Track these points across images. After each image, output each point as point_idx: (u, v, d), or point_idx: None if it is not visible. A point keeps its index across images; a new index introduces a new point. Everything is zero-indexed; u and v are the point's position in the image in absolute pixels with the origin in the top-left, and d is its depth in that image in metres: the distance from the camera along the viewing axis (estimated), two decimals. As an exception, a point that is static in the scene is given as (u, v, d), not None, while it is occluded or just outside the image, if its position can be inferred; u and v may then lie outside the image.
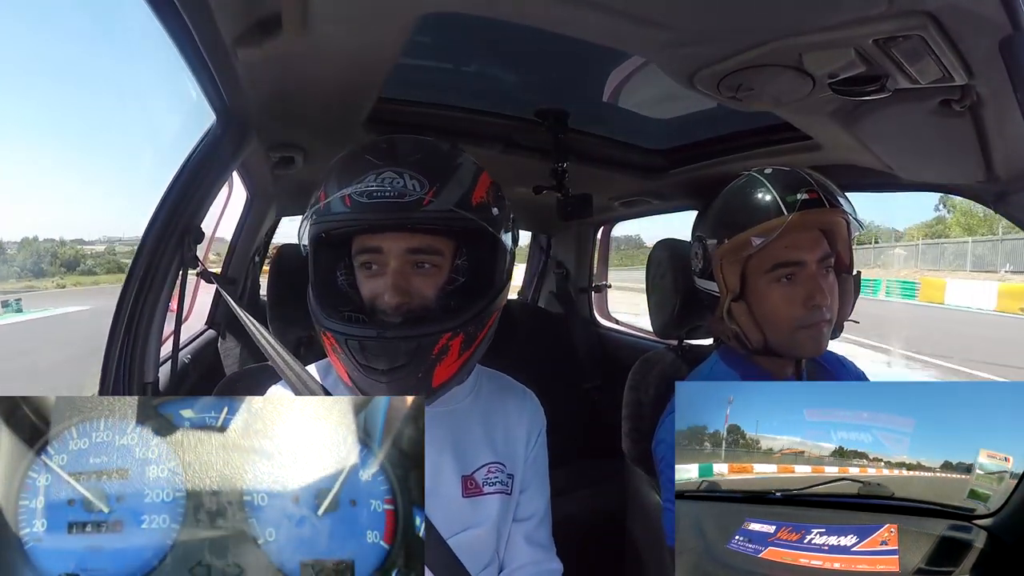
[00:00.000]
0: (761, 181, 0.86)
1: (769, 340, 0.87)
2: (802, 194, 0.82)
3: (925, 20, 0.60)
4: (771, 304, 0.85)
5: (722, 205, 0.92)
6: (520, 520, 0.81)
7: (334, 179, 0.66)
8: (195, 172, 0.98)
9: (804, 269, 0.84)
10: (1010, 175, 0.92)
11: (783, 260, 0.84)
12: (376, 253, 0.67)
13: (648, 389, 1.09)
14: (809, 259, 0.84)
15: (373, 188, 0.62)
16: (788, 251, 0.83)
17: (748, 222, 0.84)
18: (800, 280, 0.84)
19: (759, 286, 0.86)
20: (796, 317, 0.84)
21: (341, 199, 0.64)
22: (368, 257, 0.68)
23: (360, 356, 0.64)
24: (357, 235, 0.68)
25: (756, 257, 0.85)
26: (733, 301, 0.87)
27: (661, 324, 1.15)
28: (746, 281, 0.87)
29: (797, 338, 0.85)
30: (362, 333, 0.64)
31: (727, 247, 0.87)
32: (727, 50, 0.74)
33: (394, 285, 0.65)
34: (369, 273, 0.68)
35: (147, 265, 0.94)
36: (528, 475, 0.82)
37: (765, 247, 0.83)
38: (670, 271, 1.11)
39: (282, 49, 0.78)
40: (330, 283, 0.71)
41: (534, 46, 0.99)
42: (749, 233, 0.84)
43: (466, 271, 0.70)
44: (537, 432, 0.84)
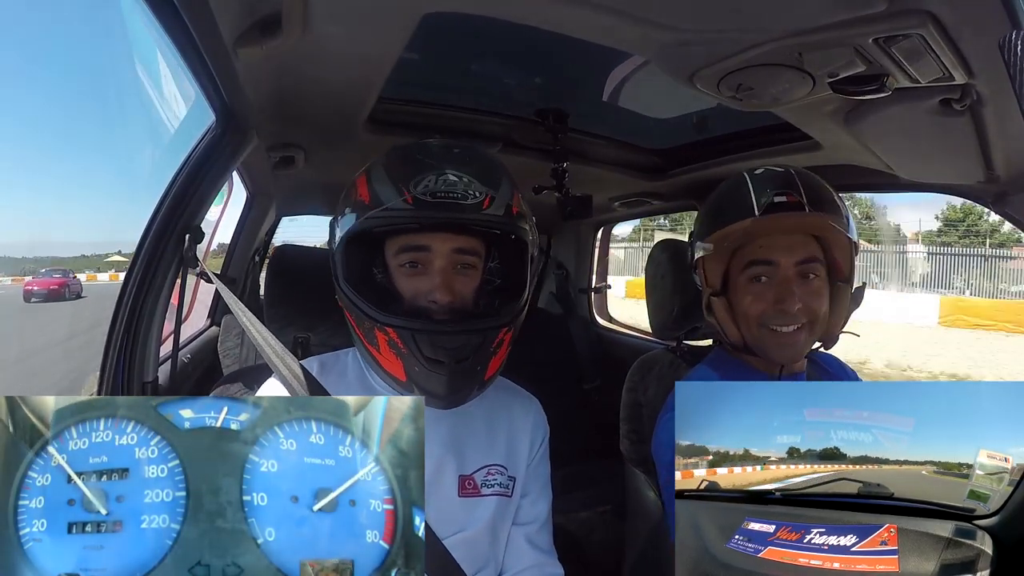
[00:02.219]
0: (745, 181, 0.87)
1: (746, 338, 0.88)
2: (779, 196, 0.82)
3: (925, 19, 0.60)
4: (745, 302, 0.87)
5: (708, 203, 0.94)
6: (522, 524, 0.81)
7: (385, 177, 0.66)
8: (195, 172, 0.98)
9: (777, 270, 0.84)
10: (1010, 175, 0.92)
11: (756, 259, 0.85)
12: (423, 252, 0.68)
13: (646, 390, 1.09)
14: (783, 261, 0.84)
15: (438, 188, 0.64)
16: (762, 251, 0.85)
17: (724, 221, 0.86)
18: (773, 281, 0.85)
19: (737, 283, 0.88)
20: (766, 317, 0.85)
21: (401, 196, 0.64)
22: (414, 256, 0.69)
23: (428, 350, 0.65)
24: (405, 234, 0.69)
25: (737, 255, 0.87)
26: (713, 296, 0.90)
27: (660, 324, 1.15)
28: (728, 278, 0.89)
29: (768, 340, 0.85)
30: (433, 328, 0.66)
31: (706, 243, 0.89)
32: (727, 50, 0.74)
33: (443, 283, 0.67)
34: (413, 271, 0.69)
35: (147, 265, 0.94)
36: (530, 480, 0.82)
37: (743, 245, 0.86)
38: (669, 271, 1.11)
39: (282, 49, 0.78)
40: (371, 280, 0.71)
41: (534, 46, 0.99)
42: (723, 232, 0.86)
43: (499, 273, 0.74)
44: (541, 439, 0.84)
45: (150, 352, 0.99)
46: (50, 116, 28.28)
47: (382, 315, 0.66)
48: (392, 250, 0.70)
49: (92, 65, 40.13)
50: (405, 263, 0.69)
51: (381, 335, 0.67)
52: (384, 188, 0.66)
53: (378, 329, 0.66)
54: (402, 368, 0.67)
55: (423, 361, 0.65)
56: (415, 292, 0.69)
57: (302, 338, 0.99)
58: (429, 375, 0.66)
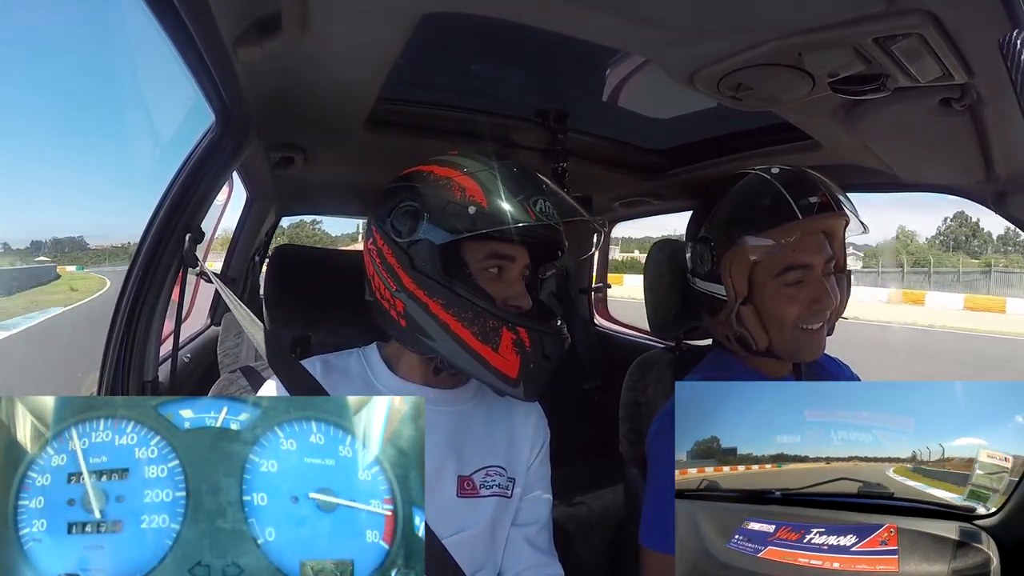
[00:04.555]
0: (771, 183, 0.85)
1: (773, 343, 0.86)
2: (815, 198, 0.82)
3: (925, 18, 0.60)
4: (778, 307, 0.84)
5: (732, 206, 0.89)
6: (521, 525, 0.81)
7: (503, 188, 0.71)
8: (195, 172, 0.98)
9: (812, 272, 0.83)
10: (1010, 174, 0.92)
11: (792, 264, 0.83)
12: (508, 260, 0.74)
13: (645, 390, 1.09)
14: (817, 262, 0.83)
15: (547, 211, 0.72)
16: (797, 255, 0.83)
17: (762, 225, 0.83)
18: (808, 283, 0.83)
19: (767, 289, 0.85)
20: (801, 319, 0.84)
21: (526, 212, 0.70)
22: (501, 262, 0.74)
23: (548, 349, 0.72)
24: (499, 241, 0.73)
25: (764, 260, 0.84)
26: (742, 305, 0.86)
27: (659, 324, 1.15)
28: (753, 284, 0.86)
29: (800, 341, 0.85)
30: (552, 330, 0.74)
31: (739, 250, 0.85)
32: (727, 49, 0.74)
33: (523, 291, 0.75)
34: (496, 276, 0.74)
35: (147, 264, 0.94)
36: (531, 482, 0.83)
37: (773, 251, 0.83)
38: (668, 271, 1.11)
39: (282, 49, 0.78)
40: (472, 280, 0.73)
41: (534, 46, 0.98)
42: (763, 236, 0.83)
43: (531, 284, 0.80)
44: (542, 442, 0.85)
45: (150, 352, 0.99)
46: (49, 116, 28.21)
47: (507, 316, 0.71)
48: (479, 255, 0.73)
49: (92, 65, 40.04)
50: (492, 267, 0.73)
51: (508, 334, 0.70)
52: (508, 200, 0.70)
53: (506, 328, 0.70)
54: (518, 366, 0.71)
55: (540, 359, 0.71)
56: (503, 296, 0.73)
57: (302, 337, 0.99)
58: (540, 372, 0.72)
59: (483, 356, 0.70)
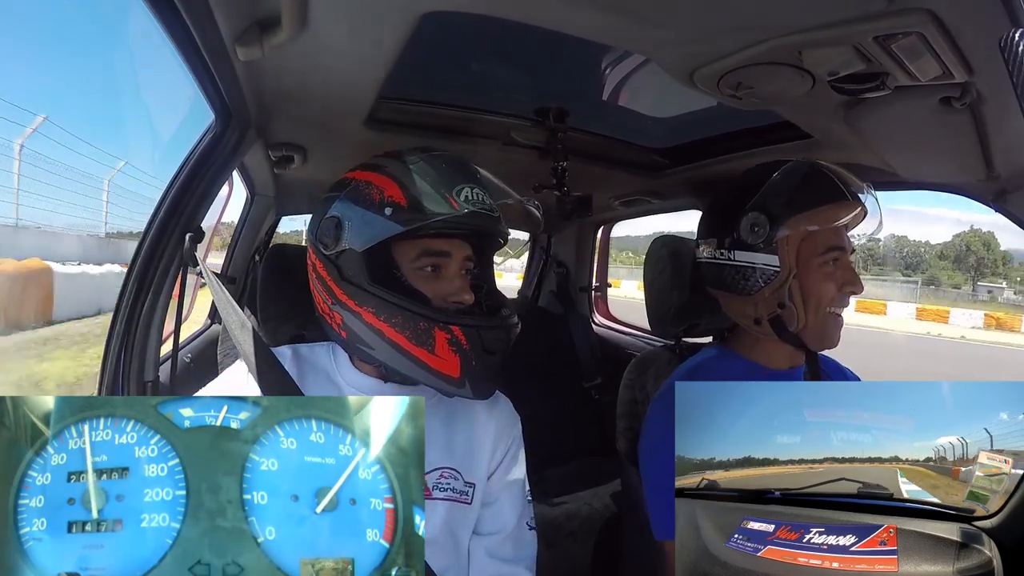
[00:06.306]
0: (819, 166, 0.89)
1: (808, 324, 0.88)
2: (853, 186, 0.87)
3: (925, 17, 0.60)
4: (818, 285, 0.87)
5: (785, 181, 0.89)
6: (483, 534, 0.80)
7: (422, 183, 0.68)
8: (195, 172, 0.98)
9: (844, 255, 0.88)
10: (1010, 173, 0.91)
11: (834, 244, 0.87)
12: (443, 256, 0.71)
13: (643, 387, 1.09)
14: (847, 246, 0.88)
15: (475, 199, 0.68)
16: (837, 236, 0.87)
17: (816, 202, 0.86)
18: (841, 265, 0.87)
19: (811, 267, 0.87)
20: (834, 302, 0.87)
21: (448, 204, 0.67)
22: (435, 260, 0.71)
23: (489, 345, 0.69)
24: (430, 238, 0.71)
25: (810, 239, 0.87)
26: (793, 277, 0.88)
27: (659, 321, 1.15)
28: (798, 260, 0.88)
29: (828, 325, 0.88)
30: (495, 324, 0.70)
31: (798, 219, 0.86)
32: (726, 48, 0.74)
33: (463, 286, 0.72)
34: (432, 275, 0.72)
35: (147, 264, 0.94)
36: (496, 488, 0.80)
37: (818, 231, 0.86)
38: (669, 268, 1.11)
39: (282, 49, 0.78)
40: (400, 282, 0.71)
41: (534, 45, 0.98)
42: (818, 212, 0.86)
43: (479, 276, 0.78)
44: (508, 441, 0.82)
45: (150, 352, 0.99)
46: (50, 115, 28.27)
47: (441, 315, 0.68)
48: (411, 254, 0.71)
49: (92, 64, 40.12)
50: (426, 266, 0.71)
51: (442, 334, 0.68)
52: (427, 195, 0.67)
53: (439, 328, 0.68)
54: (459, 365, 0.69)
55: (482, 356, 0.69)
56: (439, 294, 0.71)
57: (297, 335, 0.99)
58: (484, 369, 0.69)
59: (421, 359, 0.69)
